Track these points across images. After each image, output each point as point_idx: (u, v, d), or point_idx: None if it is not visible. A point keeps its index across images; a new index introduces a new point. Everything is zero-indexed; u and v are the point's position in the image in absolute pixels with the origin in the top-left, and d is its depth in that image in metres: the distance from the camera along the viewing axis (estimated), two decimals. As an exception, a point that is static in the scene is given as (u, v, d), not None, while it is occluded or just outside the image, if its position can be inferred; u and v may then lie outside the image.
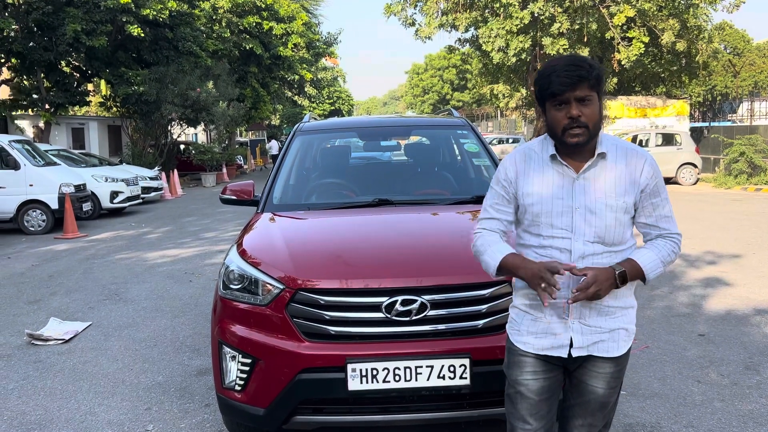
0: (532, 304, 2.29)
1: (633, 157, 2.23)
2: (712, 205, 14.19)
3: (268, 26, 28.74)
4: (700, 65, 24.33)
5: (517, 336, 2.34)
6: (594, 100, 2.13)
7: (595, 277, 2.09)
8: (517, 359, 2.32)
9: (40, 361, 5.04)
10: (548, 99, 2.15)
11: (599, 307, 2.21)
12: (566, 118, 2.11)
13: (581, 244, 2.18)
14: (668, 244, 2.26)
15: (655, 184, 2.24)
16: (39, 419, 3.98)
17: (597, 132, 2.18)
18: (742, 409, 3.86)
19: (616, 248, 2.21)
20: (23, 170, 12.55)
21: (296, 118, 63.25)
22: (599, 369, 2.26)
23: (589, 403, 2.30)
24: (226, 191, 4.40)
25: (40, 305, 6.80)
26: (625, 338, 2.27)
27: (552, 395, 2.31)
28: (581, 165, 2.21)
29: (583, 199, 2.18)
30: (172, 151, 26.07)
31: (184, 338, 5.50)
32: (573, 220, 2.18)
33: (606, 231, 2.18)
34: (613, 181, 2.20)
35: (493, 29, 23.10)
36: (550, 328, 2.24)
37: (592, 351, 2.23)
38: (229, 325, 3.17)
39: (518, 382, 2.30)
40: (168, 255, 9.58)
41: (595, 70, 2.12)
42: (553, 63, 2.16)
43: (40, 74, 20.55)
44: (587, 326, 2.22)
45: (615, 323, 2.23)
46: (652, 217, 2.26)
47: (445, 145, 5.14)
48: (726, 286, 6.76)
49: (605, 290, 2.11)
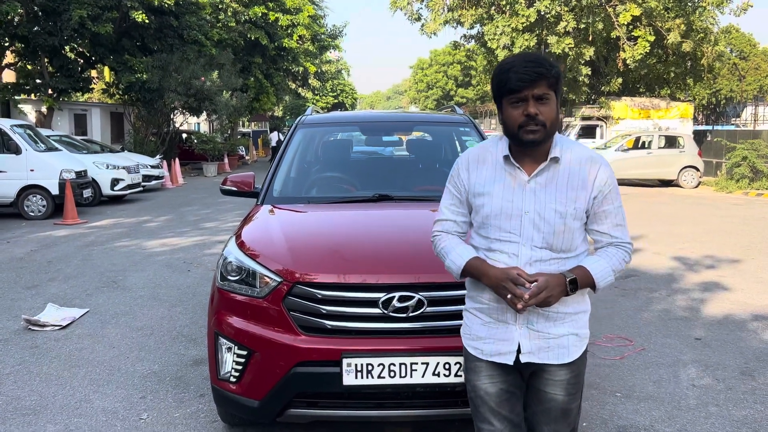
0: (481, 308, 2.26)
1: (587, 163, 2.17)
2: (713, 209, 14.18)
3: (274, 17, 28.69)
4: (705, 68, 24.27)
5: (469, 340, 2.32)
6: (552, 100, 2.09)
7: (546, 282, 2.05)
8: (473, 365, 2.29)
9: (36, 347, 5.05)
10: (505, 96, 2.11)
11: (547, 312, 2.16)
12: (523, 115, 2.07)
13: (529, 249, 2.14)
14: (619, 253, 2.21)
15: (609, 191, 2.19)
16: (34, 405, 3.99)
17: (553, 132, 2.13)
18: (736, 414, 3.85)
19: (565, 255, 2.16)
20: (24, 155, 12.53)
21: (299, 110, 63.14)
22: (554, 376, 2.22)
23: (550, 410, 2.25)
24: (226, 182, 4.39)
25: (38, 291, 6.80)
26: (576, 343, 2.22)
27: (512, 395, 2.27)
28: (534, 168, 2.16)
29: (533, 204, 2.14)
30: (174, 139, 26.05)
31: (180, 328, 5.50)
32: (522, 224, 2.14)
33: (554, 237, 2.14)
34: (565, 186, 2.15)
35: (499, 26, 23.05)
36: (498, 334, 2.21)
37: (543, 358, 2.19)
38: (225, 317, 3.17)
39: (476, 387, 2.28)
40: (167, 244, 9.58)
41: (555, 69, 2.09)
42: (512, 59, 2.12)
43: (44, 59, 20.52)
44: (535, 331, 2.17)
45: (564, 329, 2.19)
46: (605, 225, 2.21)
47: (447, 141, 5.12)
48: (724, 291, 6.76)
49: (556, 297, 2.07)
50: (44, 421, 3.76)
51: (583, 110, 25.23)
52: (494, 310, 2.21)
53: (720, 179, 19.69)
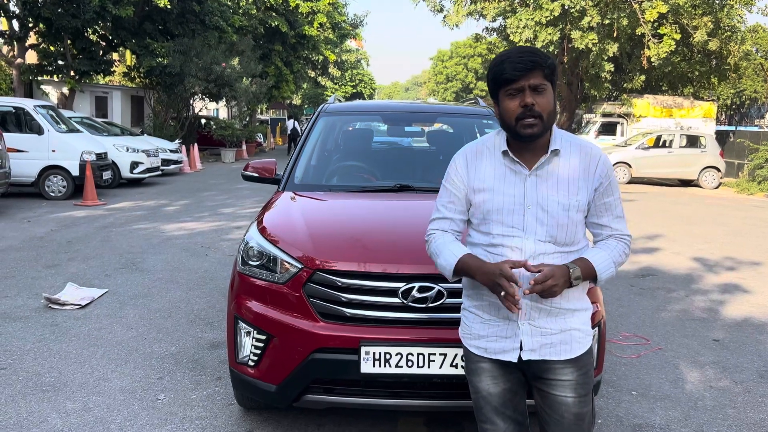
0: (480, 305, 2.23)
1: (587, 155, 2.17)
2: (734, 210, 14.01)
3: (294, 4, 28.67)
4: (731, 67, 23.92)
5: (469, 340, 2.27)
6: (548, 90, 2.07)
7: (552, 271, 2.02)
8: (474, 366, 2.26)
9: (56, 325, 5.12)
10: (501, 87, 2.09)
11: (549, 308, 2.13)
12: (520, 107, 2.05)
13: (533, 242, 2.11)
14: (620, 245, 2.20)
15: (609, 182, 2.18)
16: (53, 381, 4.05)
17: (551, 124, 2.11)
18: (753, 417, 3.82)
19: (568, 248, 2.15)
20: (46, 135, 12.67)
21: (318, 99, 63.16)
22: (561, 376, 2.16)
23: (563, 417, 2.17)
24: (248, 168, 4.40)
25: (58, 270, 6.88)
26: (579, 339, 2.18)
27: (515, 395, 2.25)
28: (534, 161, 2.14)
29: (535, 197, 2.12)
30: (193, 125, 26.20)
31: (198, 311, 5.55)
32: (524, 218, 2.12)
33: (558, 230, 2.12)
34: (567, 178, 2.14)
35: (522, 20, 22.85)
36: (500, 331, 2.18)
37: (544, 354, 2.15)
38: (245, 301, 3.19)
39: (479, 389, 2.25)
40: (185, 228, 9.65)
41: (549, 59, 2.08)
42: (507, 51, 2.12)
43: (67, 41, 20.67)
44: (536, 327, 2.14)
45: (566, 324, 2.16)
46: (605, 218, 2.20)
47: (468, 134, 5.09)
48: (744, 293, 6.68)
49: (560, 287, 2.04)
50: (63, 398, 3.81)
51: (604, 107, 24.99)
52: (495, 307, 2.17)
53: (741, 180, 19.45)
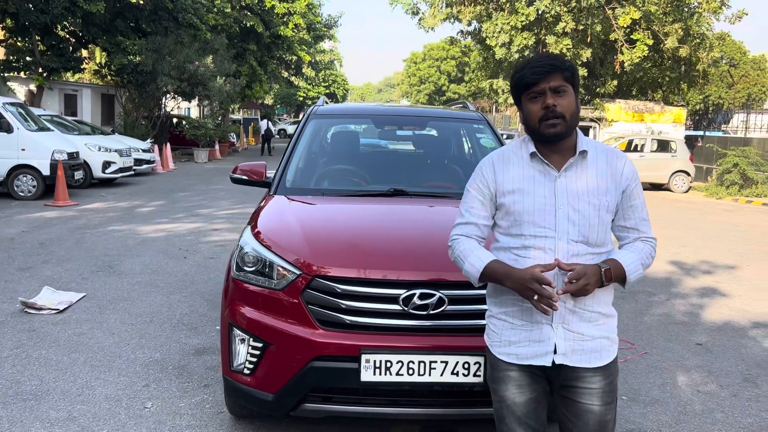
0: (510, 311, 2.21)
1: (613, 158, 2.21)
2: (705, 215, 14.29)
3: (270, 4, 28.49)
4: (700, 73, 24.43)
5: (498, 348, 2.25)
6: (569, 92, 2.11)
7: (584, 269, 2.04)
8: (501, 374, 2.24)
9: (33, 330, 4.96)
10: (523, 92, 2.14)
11: (581, 312, 2.14)
12: (542, 109, 2.09)
13: (565, 243, 2.12)
14: (646, 248, 2.22)
15: (635, 185, 2.22)
16: (34, 390, 3.91)
17: (574, 125, 2.15)
18: (742, 422, 3.87)
19: (598, 249, 2.16)
20: (16, 134, 12.33)
21: (290, 100, 62.83)
22: (589, 384, 2.16)
23: (587, 424, 2.16)
24: (237, 171, 4.31)
25: (32, 273, 6.68)
26: (608, 347, 2.19)
27: (539, 405, 2.24)
28: (562, 163, 2.16)
29: (566, 197, 2.13)
30: (165, 124, 25.79)
31: (180, 316, 5.43)
32: (556, 218, 2.13)
33: (590, 230, 2.13)
34: (595, 179, 2.16)
35: (498, 24, 23.01)
36: (533, 335, 2.16)
37: (575, 361, 2.14)
38: (240, 308, 3.12)
39: (504, 398, 2.23)
40: (162, 229, 9.47)
41: (569, 63, 2.13)
42: (528, 59, 2.19)
43: (35, 37, 20.17)
44: (570, 332, 2.14)
45: (597, 331, 2.17)
46: (632, 220, 2.23)
47: (455, 138, 5.09)
48: (722, 297, 6.80)
49: (592, 286, 2.05)
50: (46, 407, 3.68)
51: (577, 111, 25.24)
52: (526, 312, 2.16)
53: (710, 185, 19.86)
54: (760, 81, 44.04)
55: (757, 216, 14.43)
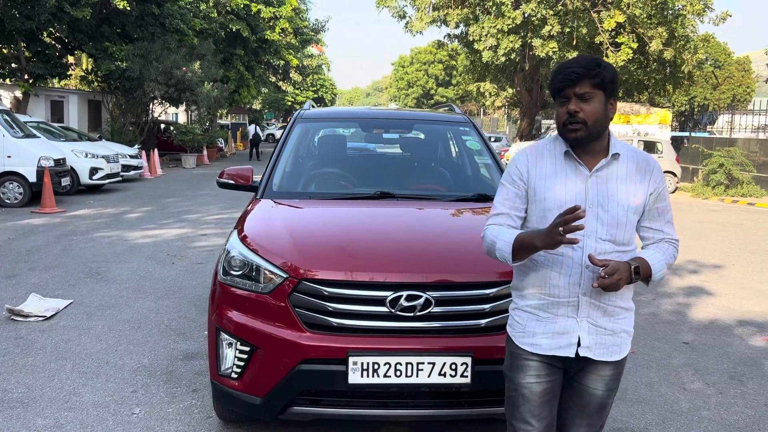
0: (537, 304, 2.27)
1: (643, 161, 2.28)
2: (691, 215, 14.41)
3: (256, 9, 28.43)
4: (685, 75, 24.66)
5: (522, 338, 2.31)
6: (596, 98, 2.15)
7: (618, 265, 2.09)
8: (521, 363, 2.30)
9: (20, 338, 4.92)
10: (555, 95, 2.21)
11: (605, 307, 2.21)
12: (566, 113, 2.16)
13: (593, 241, 2.18)
14: (670, 248, 2.30)
15: (663, 188, 2.29)
16: (22, 397, 3.88)
17: (599, 130, 2.19)
18: (728, 419, 3.91)
19: (624, 248, 2.22)
20: (1, 141, 12.23)
21: (279, 104, 62.71)
22: (600, 372, 2.27)
23: (588, 405, 2.31)
24: (223, 175, 4.31)
25: (18, 280, 6.64)
26: (627, 341, 2.29)
27: (553, 397, 2.32)
28: (594, 163, 2.23)
29: (596, 197, 2.20)
30: (152, 129, 25.68)
31: (168, 321, 5.41)
32: (586, 216, 2.17)
33: (617, 229, 2.20)
34: (626, 181, 2.23)
35: (485, 27, 23.12)
36: (559, 327, 2.24)
37: (597, 355, 2.23)
38: (227, 312, 3.12)
39: (522, 385, 2.30)
40: (149, 235, 9.43)
41: (602, 70, 2.14)
42: (566, 61, 2.23)
43: (20, 43, 20.03)
44: (594, 326, 2.22)
45: (618, 326, 2.25)
46: (658, 222, 2.30)
47: (442, 140, 5.12)
48: (708, 296, 6.86)
49: (624, 281, 2.10)
50: (33, 415, 3.66)
51: (564, 113, 25.37)
52: (551, 305, 2.24)
53: (696, 185, 20.02)
54: (745, 82, 44.55)
55: (743, 215, 14.57)
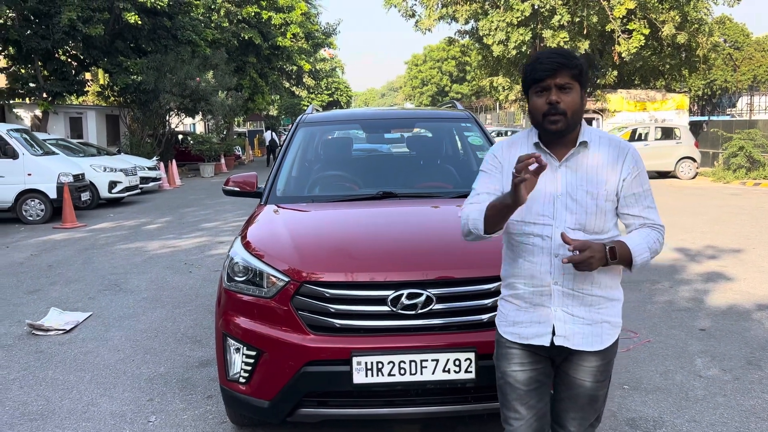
0: (516, 294, 2.30)
1: (615, 148, 2.25)
2: (711, 200, 14.20)
3: (266, 16, 28.61)
4: (700, 58, 24.29)
5: (505, 327, 2.35)
6: (575, 90, 2.16)
7: (589, 242, 2.08)
8: (505, 351, 2.34)
9: (41, 351, 5.03)
10: (531, 85, 2.20)
11: (582, 296, 2.21)
12: (546, 104, 2.15)
13: (563, 231, 2.17)
14: (653, 233, 2.24)
15: (638, 174, 2.24)
16: (41, 410, 3.97)
17: (576, 122, 2.20)
18: (744, 404, 3.86)
19: (597, 237, 2.19)
20: (21, 159, 12.49)
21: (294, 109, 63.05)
22: (585, 363, 2.26)
23: (578, 396, 2.31)
24: (228, 183, 4.37)
25: (40, 295, 6.78)
26: (609, 331, 2.26)
27: (540, 386, 2.32)
28: (564, 153, 2.23)
29: (565, 187, 2.20)
30: (170, 141, 26.00)
31: (185, 329, 5.49)
32: (555, 207, 2.20)
33: (587, 218, 2.19)
34: (595, 169, 2.22)
35: (494, 21, 23.03)
36: (536, 316, 2.25)
37: (575, 344, 2.22)
38: (233, 318, 3.17)
39: (506, 374, 2.33)
40: (168, 246, 9.56)
41: (578, 61, 2.17)
42: (540, 53, 2.23)
43: (37, 63, 20.41)
44: (570, 315, 2.22)
45: (598, 315, 2.23)
46: (636, 208, 2.26)
47: (449, 137, 5.12)
48: (727, 281, 6.77)
49: (597, 261, 2.07)
50: (52, 426, 3.74)
51: (579, 103, 25.17)
52: (530, 294, 2.25)
53: (717, 169, 19.72)
54: (765, 62, 43.73)
55: (764, 198, 14.32)
